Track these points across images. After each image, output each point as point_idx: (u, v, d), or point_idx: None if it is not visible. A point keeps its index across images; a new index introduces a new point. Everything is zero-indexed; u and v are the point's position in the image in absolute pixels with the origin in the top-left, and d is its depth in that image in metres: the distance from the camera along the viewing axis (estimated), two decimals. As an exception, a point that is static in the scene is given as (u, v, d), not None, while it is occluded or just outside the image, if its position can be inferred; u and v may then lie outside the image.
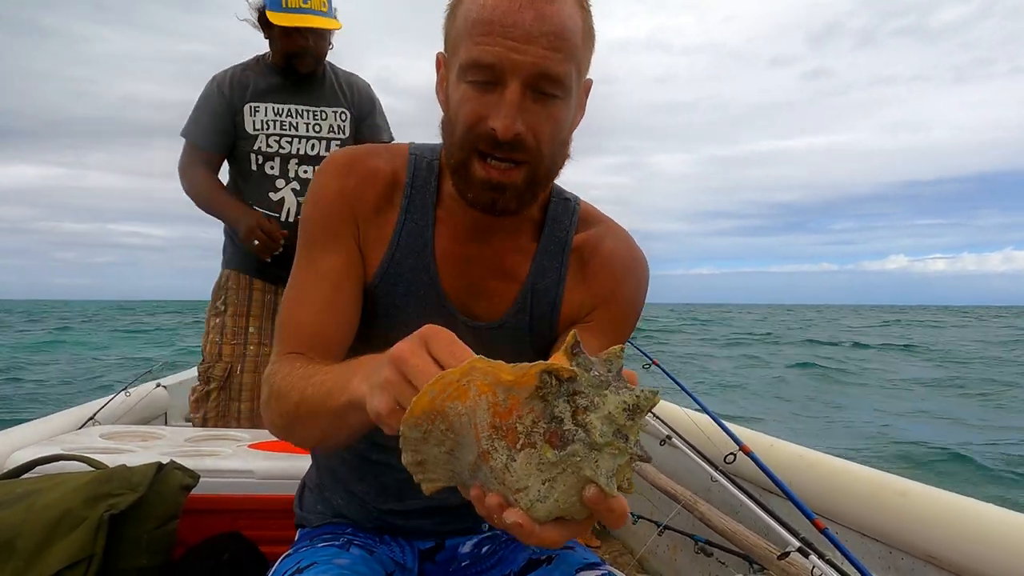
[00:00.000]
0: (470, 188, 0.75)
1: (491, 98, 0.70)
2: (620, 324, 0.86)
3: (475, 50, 0.70)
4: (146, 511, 1.18)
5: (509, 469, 0.48)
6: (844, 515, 1.49)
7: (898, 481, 1.46)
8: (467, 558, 0.93)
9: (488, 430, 0.48)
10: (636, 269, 0.87)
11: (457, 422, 0.48)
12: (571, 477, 0.47)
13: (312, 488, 0.98)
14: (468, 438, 0.49)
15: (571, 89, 0.73)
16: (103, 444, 1.61)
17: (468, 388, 0.47)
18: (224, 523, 1.38)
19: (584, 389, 0.47)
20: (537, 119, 0.71)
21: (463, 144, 0.73)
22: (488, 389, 0.47)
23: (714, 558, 1.67)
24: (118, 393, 2.43)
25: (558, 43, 0.69)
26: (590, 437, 0.46)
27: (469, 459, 0.50)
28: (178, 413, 2.91)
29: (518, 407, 0.47)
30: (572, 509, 0.48)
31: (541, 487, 0.47)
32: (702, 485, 1.87)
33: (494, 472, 0.48)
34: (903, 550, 1.35)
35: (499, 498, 0.49)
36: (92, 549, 1.10)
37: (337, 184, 0.82)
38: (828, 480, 1.59)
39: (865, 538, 1.44)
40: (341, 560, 0.82)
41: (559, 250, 0.86)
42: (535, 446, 0.47)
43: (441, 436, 0.49)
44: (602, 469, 0.47)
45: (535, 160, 0.73)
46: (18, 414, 5.16)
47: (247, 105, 2.07)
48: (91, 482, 1.19)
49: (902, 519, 1.36)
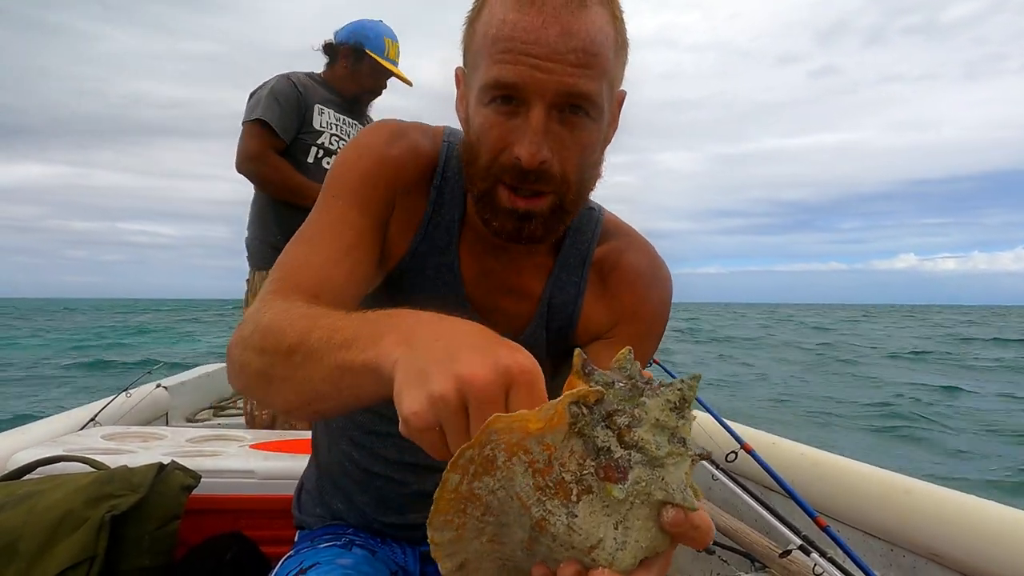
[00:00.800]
0: (495, 217, 0.70)
1: (515, 123, 0.66)
2: (644, 340, 0.82)
3: (495, 69, 0.64)
4: (148, 512, 1.18)
5: (573, 528, 0.41)
6: (846, 513, 1.49)
7: (901, 479, 1.46)
8: None
9: (535, 494, 0.41)
10: (659, 283, 0.83)
11: (493, 501, 0.42)
12: (643, 508, 0.41)
13: (311, 491, 0.97)
14: (512, 514, 0.42)
15: (602, 108, 0.68)
16: (104, 445, 1.61)
17: (494, 456, 0.40)
18: (225, 523, 1.38)
19: (618, 405, 0.41)
20: (563, 144, 0.67)
21: (487, 174, 0.69)
22: (518, 447, 0.40)
23: (716, 556, 1.67)
24: (119, 394, 2.43)
25: (587, 59, 0.64)
26: (647, 454, 0.41)
27: (520, 537, 0.43)
28: (179, 414, 2.91)
29: (557, 455, 0.40)
30: (655, 543, 0.42)
31: (616, 533, 0.41)
32: (703, 483, 1.87)
33: (558, 539, 0.41)
34: (905, 548, 1.35)
35: (575, 566, 0.41)
36: (94, 550, 1.10)
37: (382, 148, 0.77)
38: (830, 478, 1.58)
39: (867, 536, 1.44)
40: (344, 560, 0.81)
41: (579, 263, 0.82)
42: (592, 490, 0.41)
43: (478, 525, 0.42)
44: (672, 485, 0.41)
45: (561, 189, 0.69)
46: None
47: (316, 105, 2.31)
48: (92, 483, 1.19)
49: (904, 517, 1.36)
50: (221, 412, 3.16)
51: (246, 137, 2.23)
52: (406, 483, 0.86)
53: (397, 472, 0.86)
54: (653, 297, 0.82)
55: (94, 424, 2.07)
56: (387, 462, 0.85)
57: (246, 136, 2.23)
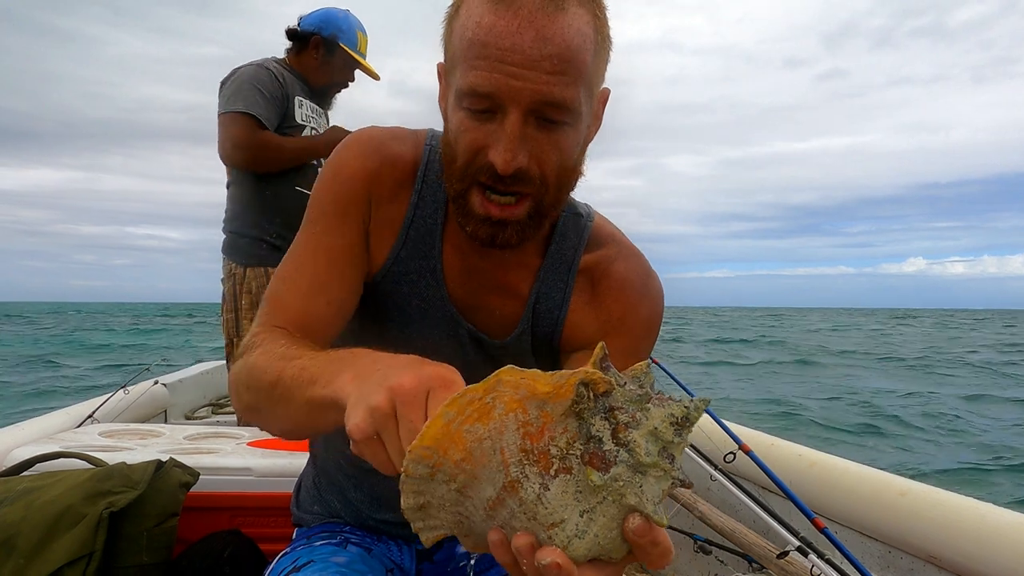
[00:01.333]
0: (469, 221, 0.70)
1: (491, 127, 0.65)
2: (634, 352, 0.80)
3: (471, 76, 0.64)
4: (146, 509, 1.18)
5: (542, 500, 0.41)
6: (843, 514, 1.49)
7: (898, 481, 1.46)
8: (464, 558, 0.92)
9: (518, 454, 0.41)
10: (650, 295, 0.82)
11: (476, 449, 0.41)
12: (612, 507, 0.40)
13: (309, 488, 0.97)
14: (489, 468, 0.42)
15: (580, 113, 0.67)
16: (102, 442, 1.61)
17: (493, 406, 0.41)
18: (223, 521, 1.38)
19: (622, 404, 0.41)
20: (541, 148, 0.66)
21: (463, 176, 0.68)
22: (518, 405, 0.40)
23: (713, 556, 1.67)
24: (117, 391, 2.43)
25: (563, 66, 0.63)
26: (634, 457, 0.40)
27: (486, 495, 0.43)
28: (177, 411, 2.91)
29: (551, 426, 0.40)
30: (612, 546, 0.41)
31: (579, 520, 0.41)
32: (702, 484, 1.87)
33: (524, 505, 0.41)
34: (902, 549, 1.35)
35: (530, 538, 0.41)
36: (92, 546, 1.10)
37: (359, 163, 0.77)
38: (828, 479, 1.58)
39: (864, 537, 1.44)
40: (339, 558, 0.81)
41: (565, 269, 0.81)
42: (571, 472, 0.41)
43: (453, 470, 0.42)
44: (647, 495, 0.40)
45: (539, 192, 0.68)
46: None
47: (296, 97, 2.26)
48: (91, 479, 1.19)
49: (902, 519, 1.36)
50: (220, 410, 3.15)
51: (231, 127, 2.11)
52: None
53: None
54: (643, 310, 0.81)
55: (92, 421, 2.07)
56: None
57: (231, 126, 2.11)
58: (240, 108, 2.11)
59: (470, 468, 0.42)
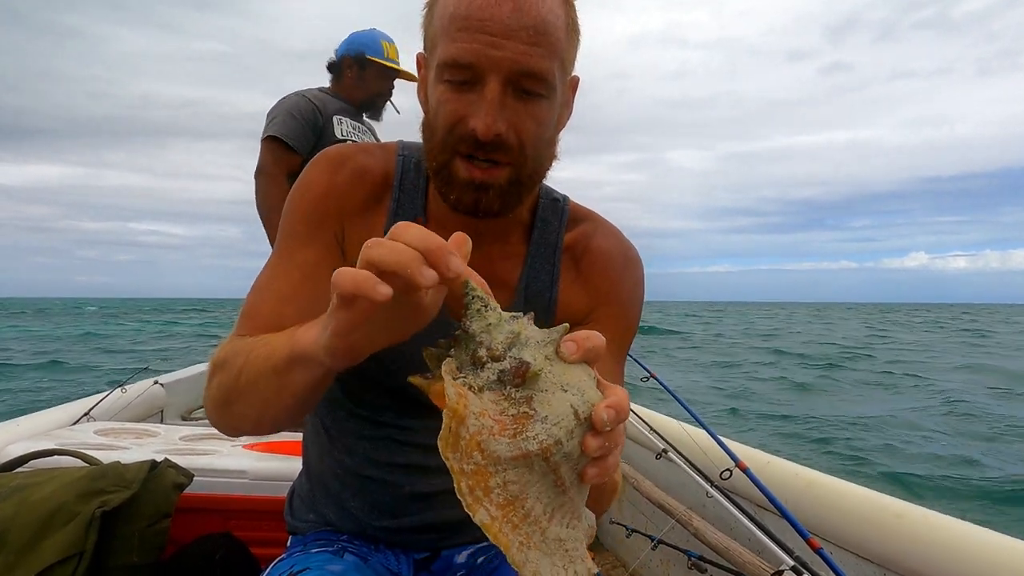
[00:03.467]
0: (452, 189, 0.72)
1: (471, 97, 0.68)
2: (622, 321, 0.84)
3: (452, 48, 0.67)
4: (138, 509, 1.18)
5: (555, 424, 0.45)
6: (839, 535, 1.49)
7: (895, 503, 1.45)
8: (462, 568, 0.92)
9: (513, 444, 0.45)
10: (631, 265, 0.87)
11: (510, 487, 0.45)
12: (558, 364, 0.46)
13: (303, 497, 0.96)
14: (522, 469, 0.45)
15: (555, 87, 0.70)
16: (97, 440, 1.61)
17: (471, 456, 0.45)
18: (216, 523, 1.37)
19: (464, 354, 0.47)
20: (519, 118, 0.69)
21: (444, 146, 0.71)
22: (471, 441, 0.44)
23: (707, 574, 1.66)
24: (114, 389, 2.43)
25: (538, 38, 0.67)
26: (509, 342, 0.46)
27: (547, 480, 0.46)
28: (174, 411, 2.91)
29: (487, 412, 0.45)
30: (584, 374, 0.47)
31: (570, 395, 0.45)
32: (697, 500, 1.87)
33: (561, 445, 0.45)
34: (897, 572, 1.34)
35: (589, 435, 0.45)
36: (83, 545, 1.09)
37: (326, 179, 0.79)
38: (824, 499, 1.58)
39: (860, 559, 1.44)
40: (334, 567, 0.80)
41: (550, 252, 0.84)
42: (531, 399, 0.45)
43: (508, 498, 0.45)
44: (537, 336, 0.47)
45: (518, 161, 0.71)
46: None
47: (334, 116, 2.43)
48: (84, 478, 1.19)
49: (898, 541, 1.35)
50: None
51: (262, 152, 2.36)
52: (399, 484, 0.86)
53: (390, 474, 0.86)
54: (627, 279, 0.85)
55: (88, 419, 2.06)
56: (379, 465, 0.85)
57: (262, 151, 2.36)
58: (269, 132, 2.33)
59: (520, 490, 0.45)
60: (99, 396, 2.31)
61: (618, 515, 2.49)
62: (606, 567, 2.43)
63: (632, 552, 2.31)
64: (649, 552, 1.98)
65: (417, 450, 0.84)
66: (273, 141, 2.33)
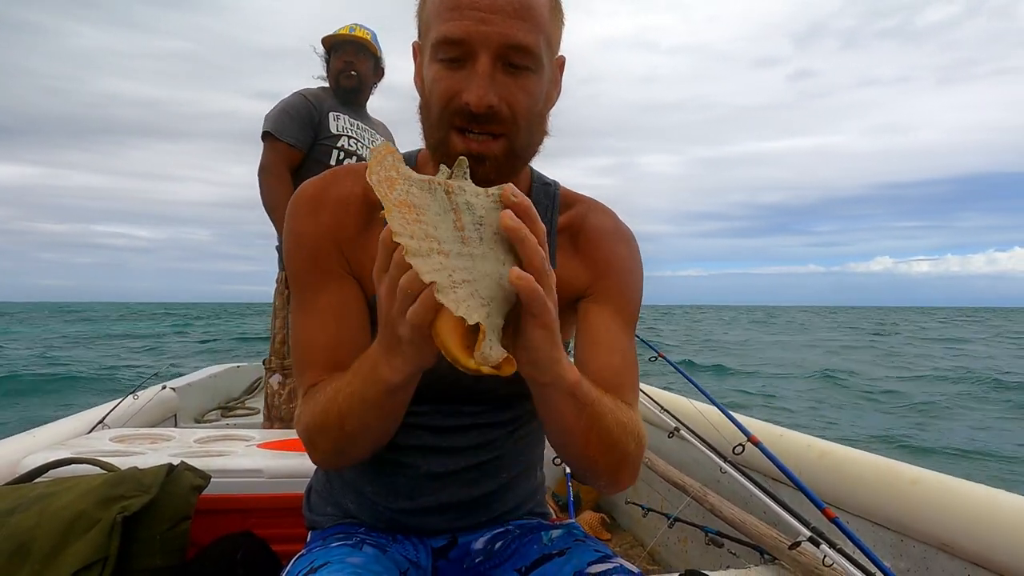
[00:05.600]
0: (450, 163, 0.75)
1: (463, 73, 0.72)
2: (622, 291, 0.87)
3: (443, 27, 0.71)
4: (158, 512, 1.19)
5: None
6: (854, 504, 1.49)
7: (909, 469, 1.45)
8: (480, 554, 0.93)
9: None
10: (625, 238, 0.90)
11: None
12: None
13: (320, 491, 0.98)
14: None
15: (542, 61, 0.74)
16: (113, 447, 1.62)
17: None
18: (235, 523, 1.38)
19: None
20: (510, 91, 0.73)
21: (440, 122, 0.74)
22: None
23: (725, 549, 1.67)
24: (127, 396, 2.45)
25: (524, 12, 0.71)
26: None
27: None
28: (187, 415, 2.93)
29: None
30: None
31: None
32: (711, 476, 1.87)
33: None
34: (914, 538, 1.35)
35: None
36: (107, 551, 1.11)
37: (312, 221, 0.82)
38: (838, 469, 1.58)
39: (876, 526, 1.44)
40: (354, 559, 0.81)
41: (547, 232, 0.87)
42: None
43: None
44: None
45: (512, 132, 0.74)
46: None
47: (330, 112, 2.51)
48: (103, 484, 1.20)
49: (913, 507, 1.36)
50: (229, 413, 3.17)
51: (264, 151, 2.45)
52: (415, 466, 0.88)
53: (406, 456, 0.87)
54: (622, 250, 0.89)
55: (103, 426, 2.08)
56: (396, 447, 0.86)
57: (263, 150, 2.45)
58: (267, 130, 2.43)
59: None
60: (112, 403, 2.33)
61: (634, 495, 2.50)
62: (624, 546, 2.45)
63: (649, 531, 2.33)
64: (666, 530, 2.00)
65: (429, 432, 0.87)
66: (272, 139, 2.42)
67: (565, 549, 0.85)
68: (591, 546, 0.86)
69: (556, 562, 0.84)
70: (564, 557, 0.84)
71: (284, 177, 2.42)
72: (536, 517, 0.98)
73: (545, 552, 0.86)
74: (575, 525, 0.94)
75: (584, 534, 0.91)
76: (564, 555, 0.84)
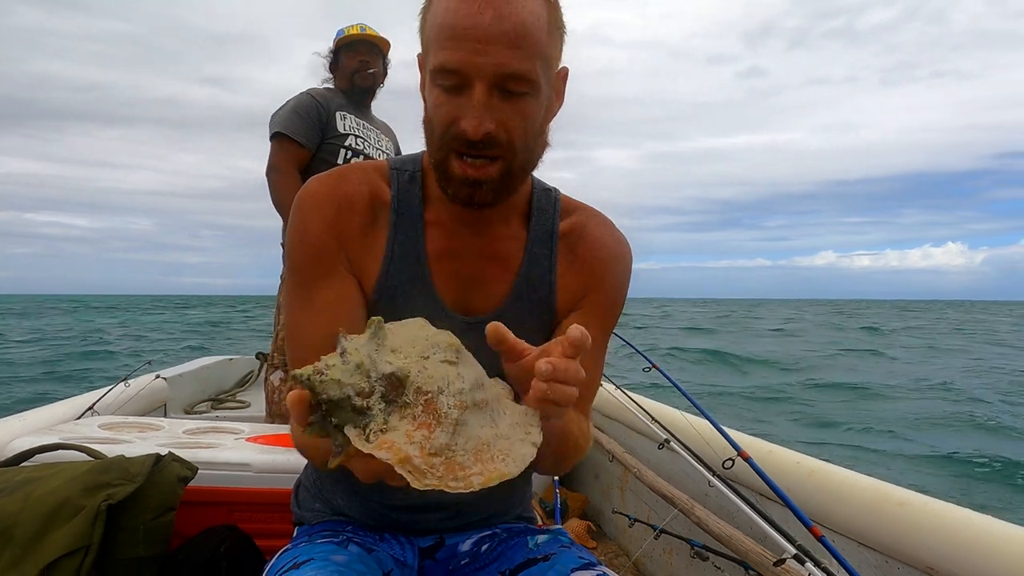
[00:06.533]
0: (450, 184, 0.78)
1: (461, 100, 0.74)
2: (610, 307, 0.90)
3: (441, 56, 0.73)
4: (144, 502, 1.18)
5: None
6: (841, 523, 1.49)
7: (897, 491, 1.45)
8: (466, 556, 0.93)
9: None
10: (622, 254, 0.92)
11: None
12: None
13: (309, 487, 0.97)
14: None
15: (538, 84, 0.75)
16: (102, 434, 1.61)
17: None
18: (220, 515, 1.38)
19: (345, 401, 0.53)
20: (506, 116, 0.74)
21: (441, 145, 0.77)
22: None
23: (710, 563, 1.67)
24: (117, 383, 2.44)
25: (519, 41, 0.71)
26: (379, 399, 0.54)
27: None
28: (177, 405, 2.92)
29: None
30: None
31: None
32: (699, 489, 1.87)
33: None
34: (900, 560, 1.35)
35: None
36: (90, 539, 1.10)
37: (317, 217, 0.83)
38: (826, 488, 1.58)
39: (862, 547, 1.44)
40: (338, 557, 0.81)
41: (548, 237, 0.89)
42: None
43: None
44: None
45: (509, 155, 0.76)
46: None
47: (337, 112, 2.52)
48: (89, 471, 1.19)
49: (900, 529, 1.36)
50: (219, 405, 3.16)
51: (272, 150, 2.46)
52: None
53: None
54: (618, 268, 0.90)
55: (92, 413, 2.07)
56: None
57: (272, 149, 2.46)
58: (276, 129, 2.43)
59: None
60: (103, 390, 2.32)
61: (621, 505, 2.50)
62: (609, 556, 2.44)
63: (635, 541, 2.32)
64: (651, 541, 1.99)
65: None
66: (281, 138, 2.43)
67: (550, 554, 0.85)
68: (575, 552, 0.86)
69: (540, 567, 0.84)
70: (548, 562, 0.84)
71: (293, 176, 2.43)
72: (523, 521, 0.98)
73: (530, 556, 0.86)
74: (562, 531, 0.95)
75: (570, 540, 0.91)
76: (548, 560, 0.84)
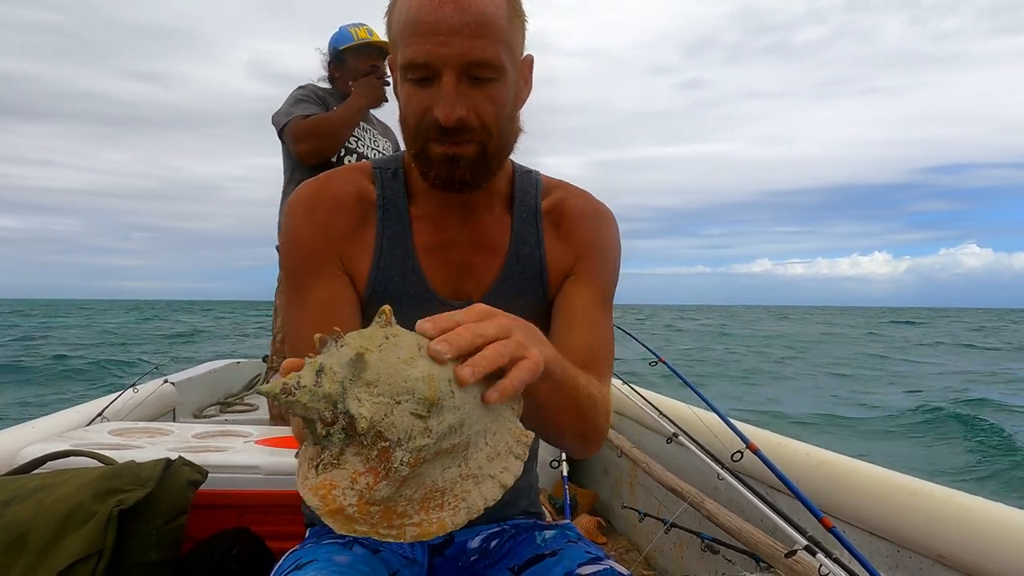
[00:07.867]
0: (431, 167, 0.81)
1: (431, 91, 0.77)
2: (601, 267, 0.92)
3: (408, 52, 0.76)
4: (155, 506, 1.19)
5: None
6: (852, 514, 1.49)
7: (908, 480, 1.45)
8: (475, 552, 0.93)
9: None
10: (604, 218, 0.95)
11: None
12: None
13: None
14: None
15: (505, 69, 0.78)
16: (112, 440, 1.62)
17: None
18: (231, 518, 1.38)
19: (310, 421, 0.51)
20: (476, 101, 0.77)
21: (417, 136, 0.80)
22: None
23: (720, 556, 1.67)
24: (126, 390, 2.45)
25: (481, 30, 0.74)
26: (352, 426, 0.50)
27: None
28: (186, 410, 2.93)
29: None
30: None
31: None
32: (709, 483, 1.87)
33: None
34: (912, 549, 1.35)
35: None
36: (102, 544, 1.11)
37: (307, 220, 0.86)
38: (836, 478, 1.58)
39: (873, 537, 1.44)
40: (341, 558, 0.82)
41: (532, 216, 0.92)
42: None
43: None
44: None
45: (483, 138, 0.79)
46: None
47: (333, 108, 2.46)
48: (100, 477, 1.20)
49: (911, 518, 1.35)
50: (228, 408, 3.17)
51: (289, 132, 2.35)
52: None
53: None
54: (602, 229, 0.94)
55: (101, 419, 2.08)
56: None
57: (288, 132, 2.36)
58: (292, 114, 2.36)
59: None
60: (111, 397, 2.34)
61: (630, 500, 2.50)
62: (619, 550, 2.44)
63: (645, 536, 2.32)
64: (662, 536, 1.99)
65: None
66: (295, 120, 2.35)
67: (557, 550, 0.85)
68: (583, 547, 0.86)
69: (547, 562, 0.84)
70: (556, 557, 0.84)
71: (311, 121, 2.35)
72: (532, 517, 0.99)
73: (538, 552, 0.87)
74: (570, 526, 0.95)
75: (578, 535, 0.91)
76: (556, 555, 0.84)
